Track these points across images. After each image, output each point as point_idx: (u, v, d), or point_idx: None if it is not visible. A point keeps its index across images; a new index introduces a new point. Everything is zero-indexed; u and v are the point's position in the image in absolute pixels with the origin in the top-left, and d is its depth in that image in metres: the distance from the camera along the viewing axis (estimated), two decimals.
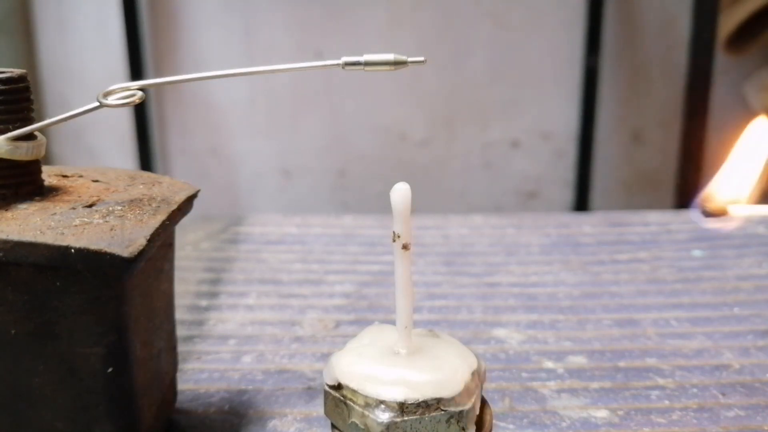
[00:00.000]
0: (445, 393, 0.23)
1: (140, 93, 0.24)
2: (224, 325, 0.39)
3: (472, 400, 0.23)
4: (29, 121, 0.25)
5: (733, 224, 0.34)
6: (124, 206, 0.25)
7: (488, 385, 0.32)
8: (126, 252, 0.22)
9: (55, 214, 0.24)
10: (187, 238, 0.51)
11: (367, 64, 0.25)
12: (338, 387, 0.24)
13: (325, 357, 0.35)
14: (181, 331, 0.36)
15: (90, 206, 0.25)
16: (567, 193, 1.15)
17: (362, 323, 0.39)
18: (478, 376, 0.24)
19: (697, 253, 0.48)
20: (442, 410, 0.23)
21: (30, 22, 1.16)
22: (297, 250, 0.49)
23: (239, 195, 1.17)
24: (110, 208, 0.25)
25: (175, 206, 0.26)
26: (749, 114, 1.04)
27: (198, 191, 0.28)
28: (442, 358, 0.24)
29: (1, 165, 0.25)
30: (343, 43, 1.08)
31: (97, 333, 0.23)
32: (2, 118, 0.24)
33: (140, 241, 0.22)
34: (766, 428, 0.29)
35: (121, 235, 0.23)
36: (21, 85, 0.25)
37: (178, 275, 0.30)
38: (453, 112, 1.13)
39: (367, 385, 0.23)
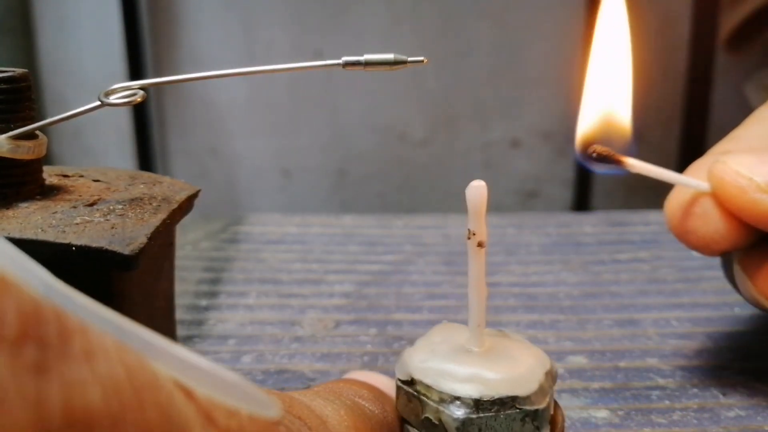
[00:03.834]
0: (520, 391, 0.23)
1: (141, 92, 0.24)
2: (224, 324, 0.39)
3: (547, 399, 0.23)
4: (30, 121, 0.25)
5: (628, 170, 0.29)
6: (125, 205, 0.25)
7: None
8: (127, 250, 0.22)
9: (56, 212, 0.24)
10: (186, 237, 0.51)
11: (367, 63, 0.25)
12: (411, 382, 0.24)
13: (325, 357, 0.35)
14: (180, 331, 0.36)
15: (91, 205, 0.25)
16: (567, 192, 1.15)
17: (362, 323, 0.39)
18: (551, 376, 0.24)
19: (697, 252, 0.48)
20: (518, 408, 0.23)
21: (29, 21, 1.16)
22: (297, 250, 0.49)
23: (239, 194, 1.17)
24: (111, 207, 0.25)
25: (175, 205, 0.26)
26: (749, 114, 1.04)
27: (199, 191, 0.28)
28: (516, 358, 0.24)
29: (2, 164, 0.25)
30: (343, 42, 1.08)
31: None
32: (3, 117, 0.24)
33: (141, 239, 0.22)
34: (766, 428, 0.29)
35: (122, 233, 0.23)
36: (22, 84, 0.25)
37: (178, 275, 0.30)
38: (453, 112, 1.13)
39: (441, 381, 0.23)
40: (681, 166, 0.31)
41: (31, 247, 0.22)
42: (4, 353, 0.11)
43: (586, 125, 0.30)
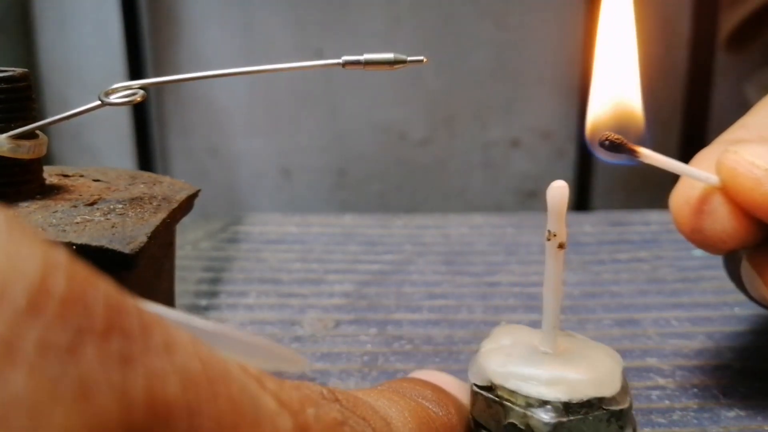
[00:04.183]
0: (606, 392, 0.23)
1: (141, 92, 0.24)
2: (224, 324, 0.39)
3: (628, 399, 0.23)
4: (31, 120, 0.25)
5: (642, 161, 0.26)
6: (125, 204, 0.25)
7: None
8: (127, 248, 0.22)
9: (56, 211, 0.24)
10: (186, 237, 0.51)
11: (367, 63, 0.25)
12: (490, 388, 0.23)
13: (325, 357, 0.35)
14: None
15: (91, 204, 0.25)
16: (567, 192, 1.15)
17: (362, 323, 0.39)
18: (625, 374, 0.24)
19: (697, 252, 0.48)
20: (604, 409, 0.23)
21: (29, 20, 1.16)
22: (297, 250, 0.49)
23: (239, 194, 1.17)
24: (111, 207, 0.25)
25: (176, 205, 0.26)
26: None
27: (199, 191, 0.28)
28: (594, 358, 0.24)
29: (2, 163, 0.25)
30: (343, 42, 1.08)
31: None
32: (3, 116, 0.24)
33: (141, 238, 0.22)
34: (766, 428, 0.29)
35: (123, 232, 0.23)
36: (23, 83, 0.25)
37: (178, 274, 0.30)
38: (453, 112, 1.13)
39: (525, 385, 0.23)
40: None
41: None
42: (93, 344, 0.11)
43: (597, 112, 0.28)
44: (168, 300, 0.28)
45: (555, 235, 0.23)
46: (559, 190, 0.23)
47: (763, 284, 0.27)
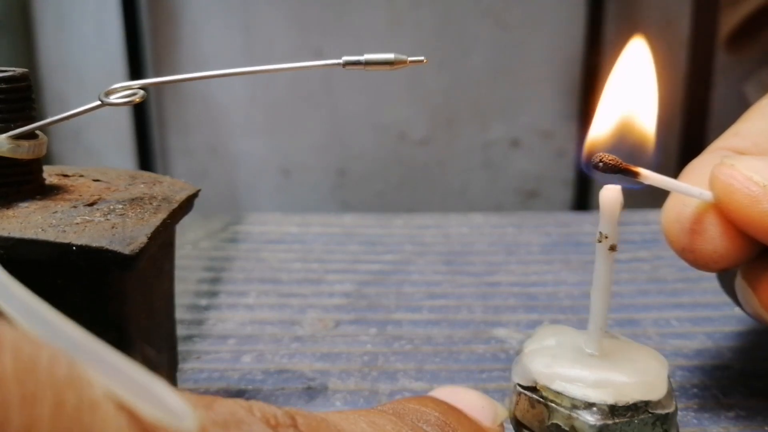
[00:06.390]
0: (652, 396, 0.23)
1: (141, 92, 0.24)
2: (224, 324, 0.39)
3: (673, 403, 0.23)
4: (31, 120, 0.25)
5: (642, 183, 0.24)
6: (125, 205, 0.25)
7: (488, 385, 0.32)
8: (127, 249, 0.22)
9: (56, 212, 0.24)
10: (186, 237, 0.51)
11: (367, 63, 0.25)
12: (535, 388, 0.23)
13: (325, 357, 0.35)
14: (180, 331, 0.36)
15: (91, 205, 0.25)
16: (567, 192, 1.15)
17: (362, 323, 0.39)
18: (670, 378, 0.24)
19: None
20: (650, 413, 0.22)
21: (29, 20, 1.16)
22: (297, 249, 0.49)
23: (239, 194, 1.17)
24: (111, 207, 0.25)
25: (176, 205, 0.26)
26: None
27: (199, 191, 0.28)
28: (640, 361, 0.24)
29: (2, 164, 0.25)
30: (343, 42, 1.08)
31: (98, 331, 0.23)
32: (4, 116, 0.24)
33: (141, 239, 0.22)
34: (766, 429, 0.29)
35: (123, 233, 0.23)
36: (23, 84, 0.25)
37: (178, 274, 0.30)
38: (453, 112, 1.13)
39: (570, 387, 0.23)
40: (681, 166, 0.29)
41: (31, 247, 0.22)
42: None
43: (598, 131, 0.26)
44: (168, 300, 0.28)
45: (606, 237, 0.23)
46: (612, 192, 0.23)
47: (757, 300, 0.26)
